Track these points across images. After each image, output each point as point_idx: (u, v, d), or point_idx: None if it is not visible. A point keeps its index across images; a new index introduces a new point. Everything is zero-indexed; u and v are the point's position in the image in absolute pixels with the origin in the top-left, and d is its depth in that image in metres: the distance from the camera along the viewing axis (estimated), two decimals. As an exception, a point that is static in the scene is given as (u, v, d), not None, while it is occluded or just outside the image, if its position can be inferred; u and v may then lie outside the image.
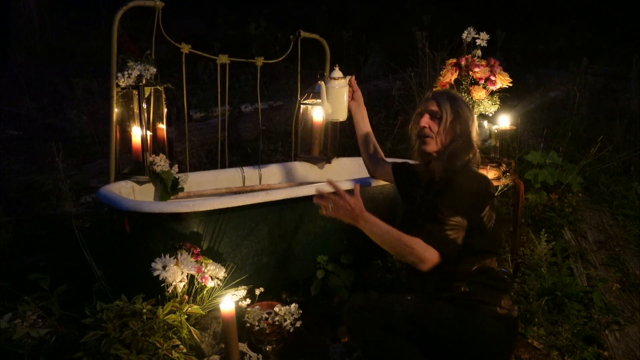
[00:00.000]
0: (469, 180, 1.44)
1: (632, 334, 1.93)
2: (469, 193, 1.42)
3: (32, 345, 1.67)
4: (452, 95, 1.59)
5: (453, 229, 1.38)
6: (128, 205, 1.79)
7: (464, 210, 1.40)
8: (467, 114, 1.55)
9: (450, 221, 1.38)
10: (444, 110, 1.53)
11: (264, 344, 1.77)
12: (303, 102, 2.50)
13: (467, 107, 1.57)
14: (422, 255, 1.37)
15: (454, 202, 1.40)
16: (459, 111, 1.54)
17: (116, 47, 1.99)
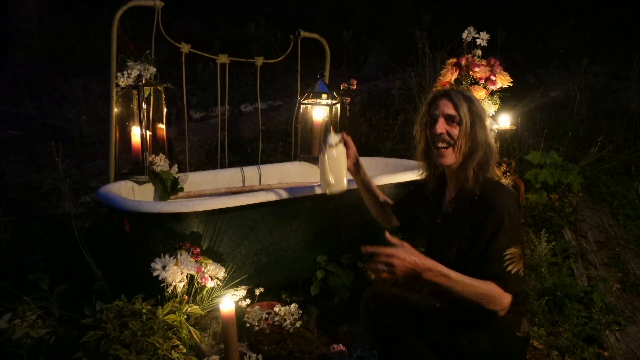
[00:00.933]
0: (511, 200, 1.29)
1: (632, 334, 1.93)
2: (517, 216, 1.29)
3: (32, 345, 1.67)
4: (468, 95, 1.40)
5: (513, 261, 1.26)
6: (128, 205, 1.79)
7: (518, 237, 1.29)
8: (485, 116, 1.38)
9: (510, 256, 1.25)
10: (463, 114, 1.34)
11: (264, 344, 1.76)
12: (303, 102, 2.50)
13: (483, 108, 1.40)
14: (502, 303, 1.24)
15: (510, 232, 1.26)
16: (479, 113, 1.35)
17: (116, 47, 1.98)
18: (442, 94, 1.40)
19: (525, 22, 5.42)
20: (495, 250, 1.27)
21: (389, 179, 2.17)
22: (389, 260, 1.22)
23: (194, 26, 6.07)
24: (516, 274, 1.26)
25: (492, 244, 1.27)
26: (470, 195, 1.34)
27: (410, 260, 1.22)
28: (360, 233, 2.18)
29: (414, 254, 1.24)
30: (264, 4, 6.61)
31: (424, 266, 1.23)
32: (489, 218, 1.27)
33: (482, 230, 1.28)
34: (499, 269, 1.26)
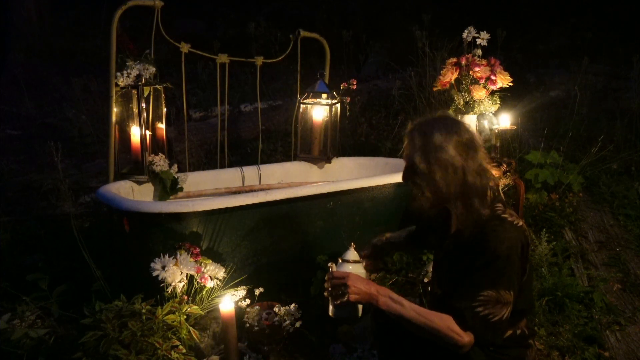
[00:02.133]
0: (507, 243, 1.16)
1: (633, 334, 1.93)
2: (511, 259, 1.16)
3: (31, 345, 1.67)
4: (428, 133, 1.19)
5: (486, 305, 1.14)
6: (127, 205, 1.79)
7: (507, 282, 1.16)
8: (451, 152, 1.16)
9: (484, 298, 1.14)
10: (418, 161, 1.19)
11: (264, 345, 1.76)
12: (303, 101, 2.50)
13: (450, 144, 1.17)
14: (458, 341, 1.15)
15: (494, 274, 1.15)
16: (439, 158, 1.17)
17: (115, 47, 1.98)
18: (408, 131, 1.26)
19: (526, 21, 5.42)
20: (469, 286, 1.17)
21: (389, 179, 2.16)
22: (342, 283, 1.23)
23: (194, 26, 6.07)
24: (484, 318, 1.15)
25: (468, 280, 1.18)
26: (466, 236, 1.23)
27: (363, 286, 1.21)
28: (360, 233, 2.17)
29: (365, 281, 1.24)
30: (264, 3, 6.60)
31: (377, 291, 1.21)
32: (477, 260, 1.18)
33: (472, 265, 1.19)
34: (464, 306, 1.16)
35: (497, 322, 1.17)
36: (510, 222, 1.21)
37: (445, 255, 1.33)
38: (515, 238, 1.19)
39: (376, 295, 1.21)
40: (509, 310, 1.18)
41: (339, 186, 2.07)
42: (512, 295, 1.18)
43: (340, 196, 2.06)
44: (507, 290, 1.17)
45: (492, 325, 1.17)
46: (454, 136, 1.20)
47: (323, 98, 2.47)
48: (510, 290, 1.18)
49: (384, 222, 2.24)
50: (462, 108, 2.29)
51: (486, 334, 1.17)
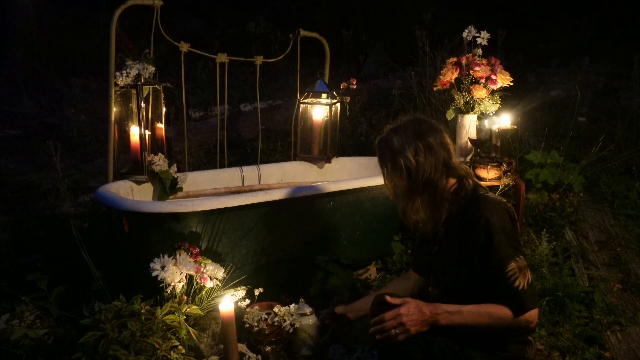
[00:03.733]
0: (497, 212, 1.24)
1: (633, 335, 1.92)
2: (508, 227, 1.24)
3: (30, 346, 1.67)
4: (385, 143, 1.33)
5: (517, 276, 1.21)
6: (126, 205, 1.78)
7: (515, 247, 1.24)
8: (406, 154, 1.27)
9: (512, 272, 1.21)
10: (388, 178, 1.32)
11: (263, 345, 1.75)
12: (303, 101, 2.49)
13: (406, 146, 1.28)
14: (523, 321, 1.22)
15: (504, 245, 1.22)
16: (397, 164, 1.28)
17: (114, 46, 1.98)
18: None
19: (526, 21, 5.41)
20: (494, 269, 1.23)
21: (389, 179, 2.16)
22: (398, 322, 1.22)
23: (193, 25, 6.06)
24: (524, 288, 1.23)
25: (489, 263, 1.24)
26: (456, 216, 1.32)
27: (417, 314, 1.21)
28: (360, 233, 2.17)
29: (417, 303, 1.23)
30: (264, 3, 6.59)
31: (432, 313, 1.22)
32: (475, 234, 1.25)
33: (474, 250, 1.26)
34: (507, 289, 1.23)
35: (529, 286, 1.24)
36: (487, 196, 1.31)
37: (439, 248, 1.37)
38: (498, 208, 1.27)
39: (433, 316, 1.23)
40: (529, 272, 1.26)
41: (339, 186, 2.06)
42: (523, 258, 1.25)
43: (340, 196, 2.05)
44: (518, 256, 1.25)
45: (528, 291, 1.23)
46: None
47: (323, 98, 2.47)
48: (519, 254, 1.25)
49: (384, 222, 2.24)
50: (462, 108, 2.28)
51: (529, 302, 1.23)
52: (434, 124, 1.35)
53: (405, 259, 2.35)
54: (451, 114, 2.31)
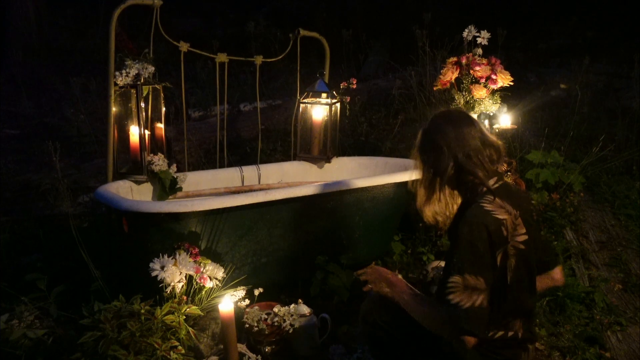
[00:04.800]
0: (473, 228, 1.19)
1: (634, 335, 1.92)
2: (476, 244, 1.17)
3: (30, 346, 1.66)
4: (421, 130, 1.33)
5: (454, 291, 1.16)
6: (126, 205, 1.78)
7: (473, 266, 1.17)
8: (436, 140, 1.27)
9: (452, 285, 1.16)
10: (417, 165, 1.34)
11: (263, 345, 1.75)
12: (302, 101, 2.49)
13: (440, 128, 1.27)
14: (452, 332, 1.19)
15: (461, 258, 1.18)
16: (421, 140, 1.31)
17: (114, 46, 1.97)
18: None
19: (527, 20, 5.41)
20: (443, 275, 1.24)
21: (389, 179, 2.16)
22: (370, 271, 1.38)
23: (193, 25, 6.05)
24: (456, 306, 1.15)
25: (444, 268, 1.27)
26: (456, 216, 1.32)
27: (383, 274, 1.35)
28: (360, 233, 2.16)
29: (388, 272, 1.36)
30: (264, 2, 6.59)
31: (391, 280, 1.33)
32: (453, 242, 1.26)
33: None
34: (441, 296, 1.19)
35: (469, 309, 1.15)
36: (480, 206, 1.22)
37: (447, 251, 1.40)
38: (478, 222, 1.19)
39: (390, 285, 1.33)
40: (481, 298, 1.16)
41: (339, 186, 2.06)
42: (483, 282, 1.16)
43: (341, 196, 2.05)
44: (472, 275, 1.16)
45: (464, 312, 1.16)
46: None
47: (323, 97, 2.46)
48: (478, 275, 1.16)
49: (384, 222, 2.23)
50: (462, 107, 2.28)
51: (462, 322, 1.16)
52: (462, 117, 1.32)
53: (405, 259, 2.35)
54: (456, 110, 2.31)
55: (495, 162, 1.29)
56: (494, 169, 1.29)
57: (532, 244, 1.25)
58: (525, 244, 1.23)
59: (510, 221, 1.22)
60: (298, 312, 1.77)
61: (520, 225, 1.23)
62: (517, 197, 1.29)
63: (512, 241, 1.21)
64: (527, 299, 1.28)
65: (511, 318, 1.25)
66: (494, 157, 1.28)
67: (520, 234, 1.23)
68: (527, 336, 1.30)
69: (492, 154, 1.28)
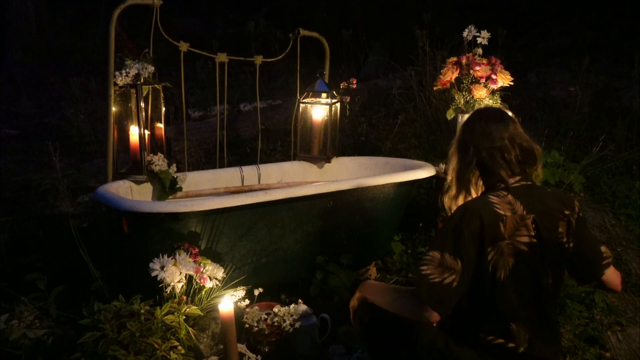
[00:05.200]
0: (458, 210, 1.24)
1: (634, 335, 1.92)
2: (452, 223, 1.20)
3: (29, 346, 1.66)
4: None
5: (428, 264, 1.18)
6: (126, 205, 1.77)
7: (447, 244, 1.18)
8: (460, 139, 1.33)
9: (429, 258, 1.18)
10: (452, 159, 1.36)
11: (263, 345, 1.75)
12: (302, 101, 2.48)
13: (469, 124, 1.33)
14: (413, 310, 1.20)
15: (438, 236, 1.24)
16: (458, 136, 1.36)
17: (114, 46, 1.97)
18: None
19: (527, 20, 5.40)
20: (427, 250, 1.27)
21: (389, 179, 2.15)
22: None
23: (193, 25, 6.05)
24: (425, 277, 1.17)
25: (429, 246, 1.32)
26: None
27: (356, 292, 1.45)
28: (360, 233, 2.16)
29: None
30: (264, 2, 6.58)
31: (360, 287, 1.41)
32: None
33: None
34: (416, 269, 1.22)
35: (437, 284, 1.17)
36: (485, 197, 1.25)
37: None
38: (473, 209, 1.20)
39: (360, 290, 1.43)
40: (453, 279, 1.17)
41: (338, 186, 2.06)
42: (459, 264, 1.17)
43: (340, 196, 2.05)
44: (451, 256, 1.18)
45: (431, 285, 1.17)
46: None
47: (323, 97, 2.46)
48: (457, 257, 1.18)
49: (384, 222, 2.23)
50: (462, 107, 2.27)
51: (427, 296, 1.18)
52: (493, 115, 1.35)
53: (405, 259, 2.34)
54: (451, 113, 2.31)
55: (523, 164, 1.28)
56: (521, 169, 1.28)
57: (545, 248, 1.22)
58: (531, 247, 1.21)
59: (512, 219, 1.21)
60: (298, 312, 1.77)
61: (527, 227, 1.22)
62: (538, 201, 1.25)
63: (510, 239, 1.20)
64: (530, 306, 1.24)
65: (509, 323, 1.22)
66: (522, 159, 1.27)
67: (524, 234, 1.21)
68: (531, 354, 1.23)
69: (520, 155, 1.27)
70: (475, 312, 1.25)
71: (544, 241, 1.23)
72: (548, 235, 1.24)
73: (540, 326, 1.26)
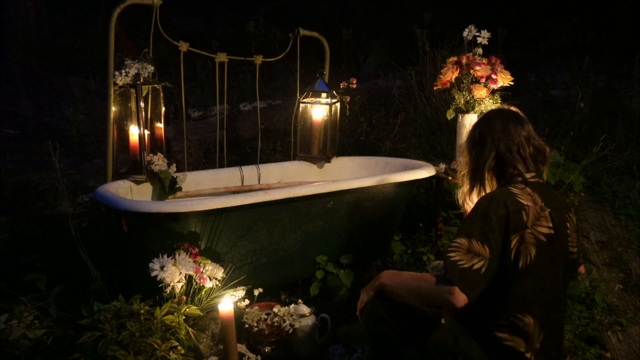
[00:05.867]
0: (482, 199, 1.29)
1: (634, 335, 1.92)
2: (481, 211, 1.24)
3: (29, 346, 1.66)
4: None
5: (457, 250, 1.21)
6: (125, 205, 1.77)
7: (476, 231, 1.22)
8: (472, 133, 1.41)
9: (456, 245, 1.22)
10: (464, 157, 1.44)
11: (263, 345, 1.75)
12: (302, 100, 2.48)
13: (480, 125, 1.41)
14: (447, 296, 1.20)
15: (466, 223, 1.25)
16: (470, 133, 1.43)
17: (114, 45, 1.97)
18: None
19: (527, 20, 5.39)
20: (453, 238, 1.28)
21: (389, 179, 2.15)
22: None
23: (193, 24, 6.05)
24: (459, 264, 1.20)
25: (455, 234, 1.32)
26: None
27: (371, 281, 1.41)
28: (360, 233, 2.16)
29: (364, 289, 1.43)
30: (263, 2, 6.58)
31: (379, 276, 1.37)
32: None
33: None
34: (444, 256, 1.25)
35: (467, 270, 1.20)
36: (507, 188, 1.30)
37: None
38: (498, 198, 1.25)
39: (378, 278, 1.37)
40: (482, 265, 1.20)
41: (338, 186, 2.05)
42: (488, 251, 1.21)
43: (340, 196, 2.05)
44: (479, 242, 1.22)
45: (460, 271, 1.20)
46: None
47: (323, 97, 2.46)
48: (485, 244, 1.21)
49: (384, 222, 2.23)
50: (462, 107, 2.27)
51: (459, 281, 1.20)
52: (511, 115, 1.41)
53: (405, 259, 2.34)
54: (451, 113, 2.31)
55: (537, 162, 1.35)
56: (536, 167, 1.35)
57: (559, 243, 1.26)
58: (549, 238, 1.25)
59: (533, 209, 1.26)
60: (298, 312, 1.77)
61: (546, 218, 1.26)
62: (551, 197, 1.33)
63: (532, 228, 1.24)
64: (546, 302, 1.24)
65: (525, 315, 1.22)
66: (537, 157, 1.35)
67: (544, 225, 1.26)
68: (531, 349, 1.23)
69: (535, 153, 1.35)
70: (491, 304, 1.25)
71: (558, 235, 1.28)
72: (561, 231, 1.30)
73: (552, 328, 1.27)
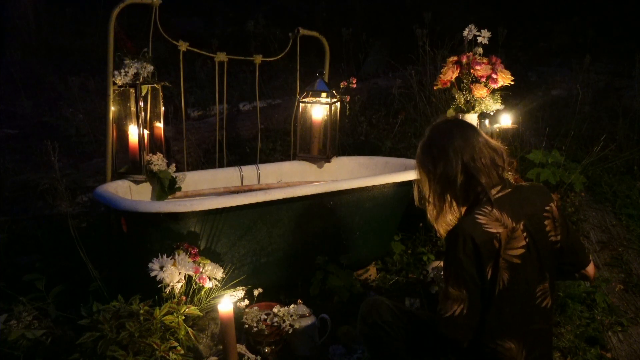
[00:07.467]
0: (454, 237, 1.21)
1: (635, 335, 1.92)
2: (450, 258, 1.22)
3: (28, 346, 1.65)
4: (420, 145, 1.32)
5: (440, 300, 1.23)
6: (125, 204, 1.77)
7: (449, 279, 1.21)
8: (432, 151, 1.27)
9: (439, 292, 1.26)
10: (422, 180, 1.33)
11: (263, 345, 1.74)
12: (302, 100, 2.48)
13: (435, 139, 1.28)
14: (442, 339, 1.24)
15: (445, 269, 1.23)
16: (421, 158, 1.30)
17: (113, 45, 1.96)
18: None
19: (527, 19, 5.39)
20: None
21: (389, 179, 2.15)
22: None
23: (192, 24, 6.03)
24: (438, 312, 1.23)
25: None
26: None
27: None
28: (360, 233, 2.16)
29: None
30: (263, 1, 6.57)
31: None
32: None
33: None
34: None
35: (449, 318, 1.21)
36: (473, 217, 1.21)
37: None
38: (464, 233, 1.19)
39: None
40: (461, 308, 1.20)
41: (338, 186, 2.05)
42: (465, 292, 1.19)
43: (340, 196, 2.04)
44: (454, 287, 1.20)
45: (445, 320, 1.22)
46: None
47: (322, 97, 2.45)
48: (461, 288, 1.20)
49: (384, 222, 2.23)
50: (463, 107, 2.27)
51: (443, 328, 1.23)
52: (464, 123, 1.33)
53: (405, 259, 2.34)
54: (452, 113, 2.30)
55: (500, 167, 1.27)
56: (499, 175, 1.27)
57: (535, 251, 1.22)
58: (522, 258, 1.21)
59: (504, 234, 1.21)
60: (298, 312, 1.76)
61: (519, 238, 1.22)
62: (523, 202, 1.25)
63: (504, 254, 1.20)
64: (526, 321, 1.24)
65: (505, 341, 1.22)
66: (498, 162, 1.27)
67: (516, 247, 1.21)
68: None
69: (496, 158, 1.27)
70: (477, 331, 1.25)
71: (537, 244, 1.24)
72: (540, 237, 1.25)
73: (535, 339, 1.27)
